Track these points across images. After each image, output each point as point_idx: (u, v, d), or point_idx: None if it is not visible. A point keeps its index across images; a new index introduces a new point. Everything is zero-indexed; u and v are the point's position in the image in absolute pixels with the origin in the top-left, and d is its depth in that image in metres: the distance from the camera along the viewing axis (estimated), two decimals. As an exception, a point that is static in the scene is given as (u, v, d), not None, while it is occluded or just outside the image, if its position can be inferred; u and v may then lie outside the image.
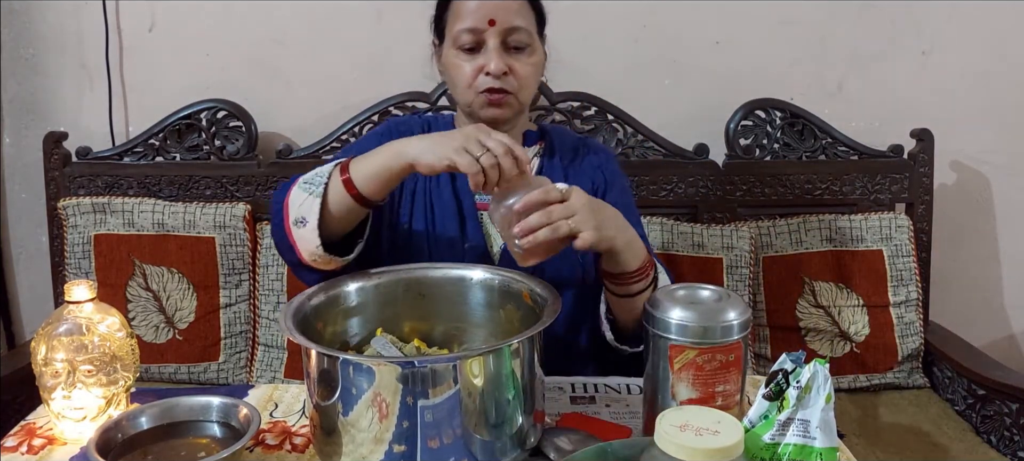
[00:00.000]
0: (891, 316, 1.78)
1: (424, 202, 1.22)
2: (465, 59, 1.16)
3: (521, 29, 1.14)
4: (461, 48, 1.15)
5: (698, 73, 1.93)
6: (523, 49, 1.16)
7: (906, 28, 1.90)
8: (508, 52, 1.15)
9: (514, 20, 1.13)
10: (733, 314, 0.85)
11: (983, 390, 1.65)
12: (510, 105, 1.17)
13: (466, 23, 1.13)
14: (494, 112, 1.16)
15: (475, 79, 1.15)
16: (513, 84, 1.15)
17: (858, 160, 1.85)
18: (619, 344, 1.11)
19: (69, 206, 1.80)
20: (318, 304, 0.96)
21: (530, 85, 1.18)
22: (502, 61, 1.13)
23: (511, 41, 1.14)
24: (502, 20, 1.12)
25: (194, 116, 1.87)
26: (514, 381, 0.82)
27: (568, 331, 1.19)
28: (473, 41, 1.14)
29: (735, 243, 1.76)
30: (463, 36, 1.14)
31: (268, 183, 1.86)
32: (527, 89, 1.18)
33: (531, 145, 1.26)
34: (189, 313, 1.79)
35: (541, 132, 1.29)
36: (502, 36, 1.13)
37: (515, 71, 1.15)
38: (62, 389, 0.95)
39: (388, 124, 1.32)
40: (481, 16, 1.12)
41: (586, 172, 1.26)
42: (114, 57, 1.93)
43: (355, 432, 0.79)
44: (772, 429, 0.75)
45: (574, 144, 1.29)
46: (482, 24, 1.12)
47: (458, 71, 1.17)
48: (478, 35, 1.13)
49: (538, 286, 0.95)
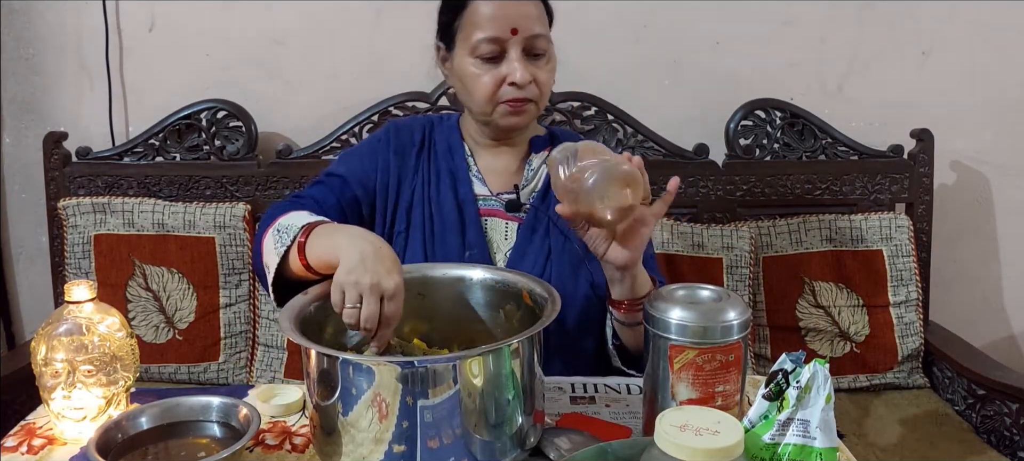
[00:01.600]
0: (891, 316, 1.78)
1: (423, 212, 1.20)
2: (485, 69, 1.11)
3: (542, 36, 1.11)
4: (480, 57, 1.11)
5: (698, 73, 1.93)
6: (543, 55, 1.13)
7: (906, 28, 1.90)
8: (529, 59, 1.12)
9: (535, 27, 1.10)
10: (733, 314, 0.85)
11: (983, 390, 1.65)
12: (529, 112, 1.15)
13: (487, 32, 1.09)
14: (515, 120, 1.14)
15: (497, 90, 1.12)
16: (535, 92, 1.13)
17: (858, 160, 1.85)
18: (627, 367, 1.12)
19: (69, 206, 1.80)
20: (318, 304, 0.95)
21: (549, 91, 1.17)
22: (527, 71, 1.10)
23: (534, 49, 1.11)
24: (524, 28, 1.09)
25: (194, 116, 1.87)
26: (514, 381, 0.82)
27: (574, 338, 1.18)
28: (493, 51, 1.10)
29: (735, 243, 1.76)
30: (483, 46, 1.10)
31: (268, 183, 1.86)
32: (546, 95, 1.16)
33: (539, 150, 1.24)
34: (189, 313, 1.79)
35: (550, 136, 1.27)
36: (524, 44, 1.10)
37: (538, 80, 1.12)
38: (62, 389, 0.95)
39: (387, 128, 1.27)
40: (503, 25, 1.09)
41: None
42: (114, 57, 1.93)
43: (355, 432, 0.79)
44: (772, 429, 0.75)
45: None
46: (504, 33, 1.09)
47: (476, 82, 1.12)
48: (500, 44, 1.10)
49: (538, 286, 0.95)
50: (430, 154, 1.24)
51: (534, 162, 1.23)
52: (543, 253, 1.17)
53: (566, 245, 1.17)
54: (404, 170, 1.22)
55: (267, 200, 1.85)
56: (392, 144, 1.24)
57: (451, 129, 1.27)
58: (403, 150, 1.23)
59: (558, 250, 1.17)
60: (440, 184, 1.21)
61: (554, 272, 1.16)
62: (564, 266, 1.17)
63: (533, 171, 1.23)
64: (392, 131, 1.26)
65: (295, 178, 1.85)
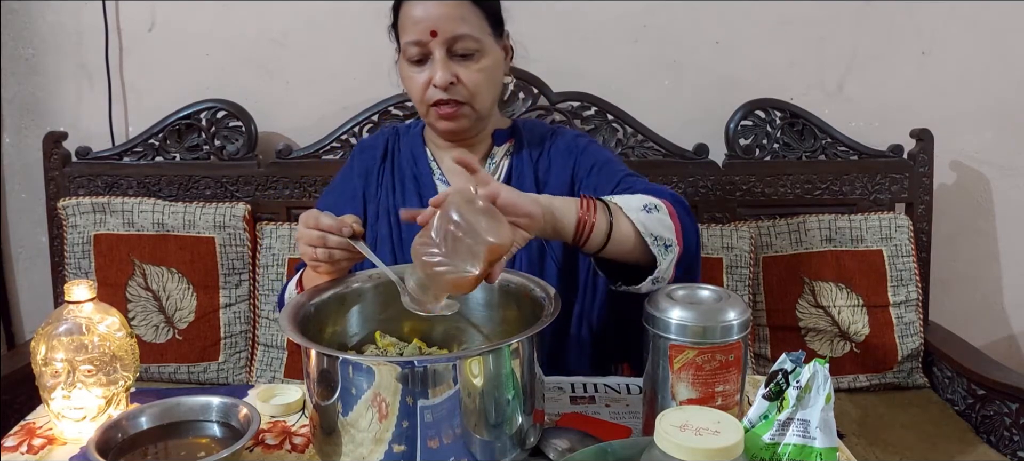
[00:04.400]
0: (891, 316, 1.78)
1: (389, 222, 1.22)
2: (414, 72, 1.14)
3: (466, 36, 1.12)
4: (410, 61, 1.14)
5: (698, 73, 1.93)
6: (471, 56, 1.13)
7: (906, 28, 1.90)
8: (455, 60, 1.13)
9: (458, 28, 1.11)
10: (733, 314, 0.85)
11: (983, 390, 1.65)
12: (465, 115, 1.16)
13: (411, 36, 1.12)
14: (447, 125, 1.16)
15: (426, 92, 1.14)
16: (463, 93, 1.13)
17: (858, 160, 1.85)
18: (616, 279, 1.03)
19: (69, 206, 1.80)
20: (318, 304, 0.96)
21: (483, 91, 1.16)
22: (447, 72, 1.11)
23: (457, 49, 1.12)
24: (444, 30, 1.10)
25: (194, 116, 1.87)
26: (514, 381, 0.82)
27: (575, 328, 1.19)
28: (420, 53, 1.13)
29: (735, 243, 1.76)
30: (410, 49, 1.13)
31: (268, 183, 1.86)
32: (481, 95, 1.15)
33: (501, 144, 1.25)
34: (189, 313, 1.79)
35: (513, 128, 1.27)
36: (447, 46, 1.11)
37: (462, 80, 1.13)
38: (62, 389, 0.95)
39: (354, 151, 1.33)
40: (423, 28, 1.11)
41: (557, 157, 1.23)
42: (114, 57, 1.93)
43: (355, 432, 0.79)
44: (772, 429, 0.74)
45: (542, 135, 1.27)
46: (425, 36, 1.11)
47: (409, 84, 1.17)
48: (423, 47, 1.12)
49: (537, 286, 0.95)
50: (393, 164, 1.28)
51: (497, 155, 1.25)
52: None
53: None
54: (369, 187, 1.27)
55: (267, 200, 1.85)
56: (357, 168, 1.29)
57: (415, 136, 1.29)
58: (367, 169, 1.28)
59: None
60: (405, 191, 1.23)
61: (525, 259, 1.18)
62: (532, 252, 1.18)
63: (495, 164, 1.24)
64: (357, 153, 1.31)
65: (295, 178, 1.85)
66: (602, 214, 0.93)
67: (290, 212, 1.86)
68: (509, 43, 1.23)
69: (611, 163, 1.21)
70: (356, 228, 0.97)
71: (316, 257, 0.96)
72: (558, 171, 1.21)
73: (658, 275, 0.96)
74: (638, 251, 0.95)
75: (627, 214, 0.94)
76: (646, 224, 0.94)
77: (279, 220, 1.84)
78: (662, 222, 0.96)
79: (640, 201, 0.98)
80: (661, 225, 0.96)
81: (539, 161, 1.23)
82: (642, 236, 0.94)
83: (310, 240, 0.96)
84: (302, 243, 0.97)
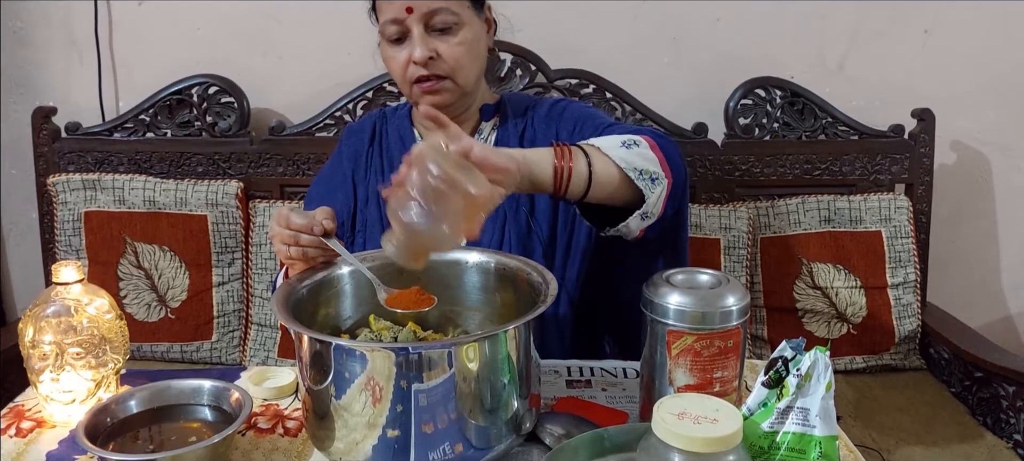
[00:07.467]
0: (889, 297, 1.77)
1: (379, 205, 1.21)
2: (394, 51, 1.14)
3: (442, 9, 1.10)
4: (389, 40, 1.14)
5: (697, 51, 1.90)
6: (449, 30, 1.12)
7: (908, 6, 1.87)
8: (433, 35, 1.12)
9: (433, 2, 1.10)
10: (732, 300, 0.84)
11: (980, 372, 1.64)
12: (447, 90, 1.14)
13: (387, 14, 1.11)
14: (431, 100, 1.14)
15: (406, 70, 1.13)
16: (444, 67, 1.12)
17: (858, 140, 1.83)
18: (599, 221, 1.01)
19: (59, 182, 1.78)
20: (310, 287, 0.94)
21: (465, 64, 1.14)
22: (426, 47, 1.10)
23: (435, 24, 1.11)
24: (420, 5, 1.10)
25: (185, 91, 1.84)
26: (510, 366, 0.81)
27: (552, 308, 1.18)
28: (398, 32, 1.12)
29: (733, 224, 1.75)
30: (388, 28, 1.12)
31: (261, 160, 1.83)
32: (463, 69, 1.14)
33: (487, 119, 1.24)
34: (181, 291, 1.78)
35: (499, 103, 1.26)
36: (424, 21, 1.10)
37: (442, 54, 1.12)
38: (50, 371, 0.94)
39: (342, 137, 1.32)
40: (399, 5, 1.10)
41: (540, 125, 1.22)
42: (103, 30, 1.90)
43: (348, 416, 0.78)
44: (771, 417, 0.74)
45: (525, 106, 1.26)
46: (401, 13, 1.10)
47: (390, 64, 1.16)
48: (401, 25, 1.11)
49: (534, 270, 0.94)
50: (381, 146, 1.27)
51: (484, 130, 1.24)
52: (499, 219, 1.18)
53: (519, 208, 1.18)
54: (358, 171, 1.26)
55: (260, 177, 1.83)
56: (345, 152, 1.29)
57: (403, 118, 1.28)
58: (355, 153, 1.28)
59: (512, 212, 1.18)
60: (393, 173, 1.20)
61: (514, 235, 1.17)
62: (522, 226, 1.18)
63: (483, 139, 1.23)
64: (345, 137, 1.31)
65: (288, 155, 1.83)
66: (579, 158, 0.90)
67: (284, 190, 1.84)
68: (492, 16, 1.21)
69: (594, 116, 1.20)
70: (327, 225, 0.94)
71: (290, 256, 0.95)
72: (542, 139, 1.21)
73: (647, 210, 0.94)
74: (623, 189, 0.93)
75: (606, 153, 0.92)
76: (627, 159, 0.92)
77: (272, 198, 1.82)
78: (644, 155, 0.94)
79: (618, 139, 0.96)
80: (643, 158, 0.94)
81: (524, 132, 1.23)
82: (625, 173, 0.92)
83: (283, 239, 0.95)
84: (276, 242, 0.96)
